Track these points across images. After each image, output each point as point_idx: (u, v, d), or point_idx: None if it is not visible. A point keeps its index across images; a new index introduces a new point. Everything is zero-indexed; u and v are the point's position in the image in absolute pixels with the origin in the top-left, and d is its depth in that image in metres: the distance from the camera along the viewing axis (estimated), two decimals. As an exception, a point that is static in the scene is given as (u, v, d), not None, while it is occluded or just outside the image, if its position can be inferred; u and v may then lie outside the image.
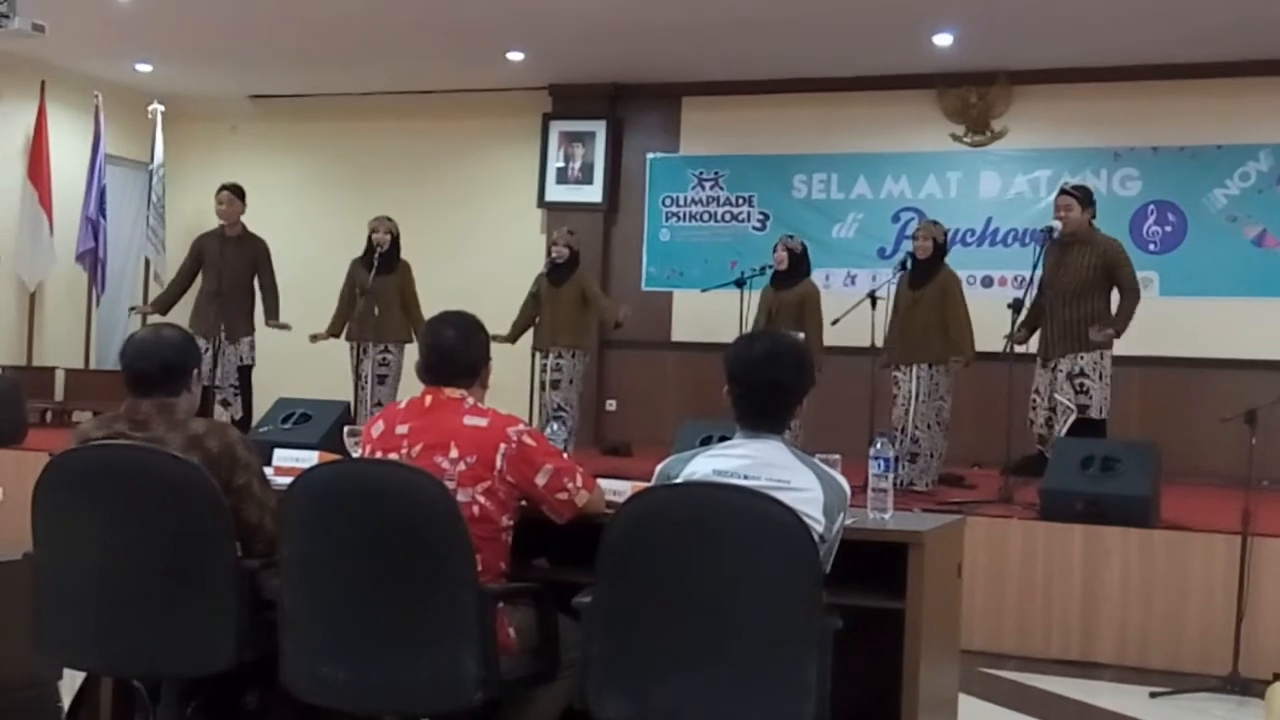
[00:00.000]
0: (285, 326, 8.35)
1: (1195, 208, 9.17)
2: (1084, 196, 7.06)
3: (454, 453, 3.09)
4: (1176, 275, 9.14)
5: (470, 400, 3.23)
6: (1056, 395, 6.92)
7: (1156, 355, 8.59)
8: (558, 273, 8.52)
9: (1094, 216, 7.09)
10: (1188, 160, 9.20)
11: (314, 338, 8.39)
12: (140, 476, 3.03)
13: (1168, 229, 9.24)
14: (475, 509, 3.05)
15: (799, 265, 8.09)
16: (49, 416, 10.18)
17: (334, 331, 8.45)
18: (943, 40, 8.85)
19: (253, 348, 8.46)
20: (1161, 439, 6.48)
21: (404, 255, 8.50)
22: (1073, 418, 6.81)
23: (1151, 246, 9.21)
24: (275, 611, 3.01)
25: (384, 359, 8.31)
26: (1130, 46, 8.75)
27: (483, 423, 3.14)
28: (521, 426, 3.17)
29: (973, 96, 9.65)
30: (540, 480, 3.14)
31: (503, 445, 3.11)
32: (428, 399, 3.23)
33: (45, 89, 10.34)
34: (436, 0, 8.39)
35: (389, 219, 8.46)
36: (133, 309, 9.85)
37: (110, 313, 11.10)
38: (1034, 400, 7.10)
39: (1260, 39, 8.41)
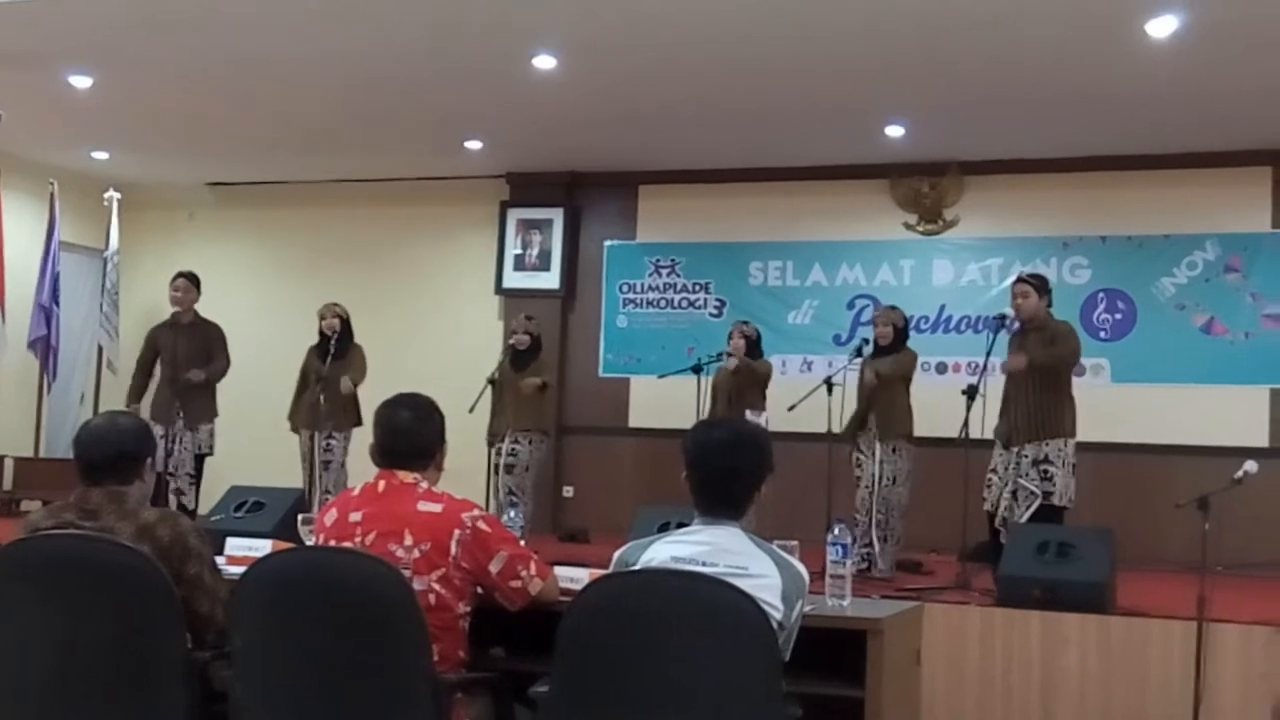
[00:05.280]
0: (198, 380, 8.21)
1: (1144, 296, 9.31)
2: (1040, 284, 7.17)
3: (408, 540, 3.06)
4: (1127, 362, 9.26)
5: (424, 484, 3.21)
6: (1020, 480, 6.95)
7: (1109, 441, 8.65)
8: (520, 359, 8.54)
9: (1050, 304, 7.21)
10: (1136, 249, 9.36)
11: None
12: (89, 567, 2.98)
13: (1117, 316, 9.38)
14: (431, 598, 3.01)
15: (754, 351, 8.15)
16: (-4, 505, 10.02)
17: (297, 421, 8.43)
18: (894, 132, 8.99)
19: (212, 435, 8.36)
20: (1115, 525, 6.51)
21: (361, 340, 8.50)
22: (1036, 503, 6.85)
23: (1102, 334, 9.33)
24: (226, 704, 2.95)
25: (328, 445, 8.27)
26: (1078, 139, 8.93)
27: (437, 508, 3.12)
28: (477, 512, 3.15)
29: (925, 186, 9.80)
30: (494, 567, 3.11)
31: (457, 531, 3.08)
32: (381, 484, 3.21)
33: (0, 176, 10.30)
34: (395, 90, 8.45)
35: (337, 305, 8.48)
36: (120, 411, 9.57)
37: (61, 401, 10.97)
38: (990, 479, 7.12)
39: (1206, 132, 8.61)
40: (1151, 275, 9.31)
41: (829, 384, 7.42)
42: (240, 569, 3.07)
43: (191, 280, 8.43)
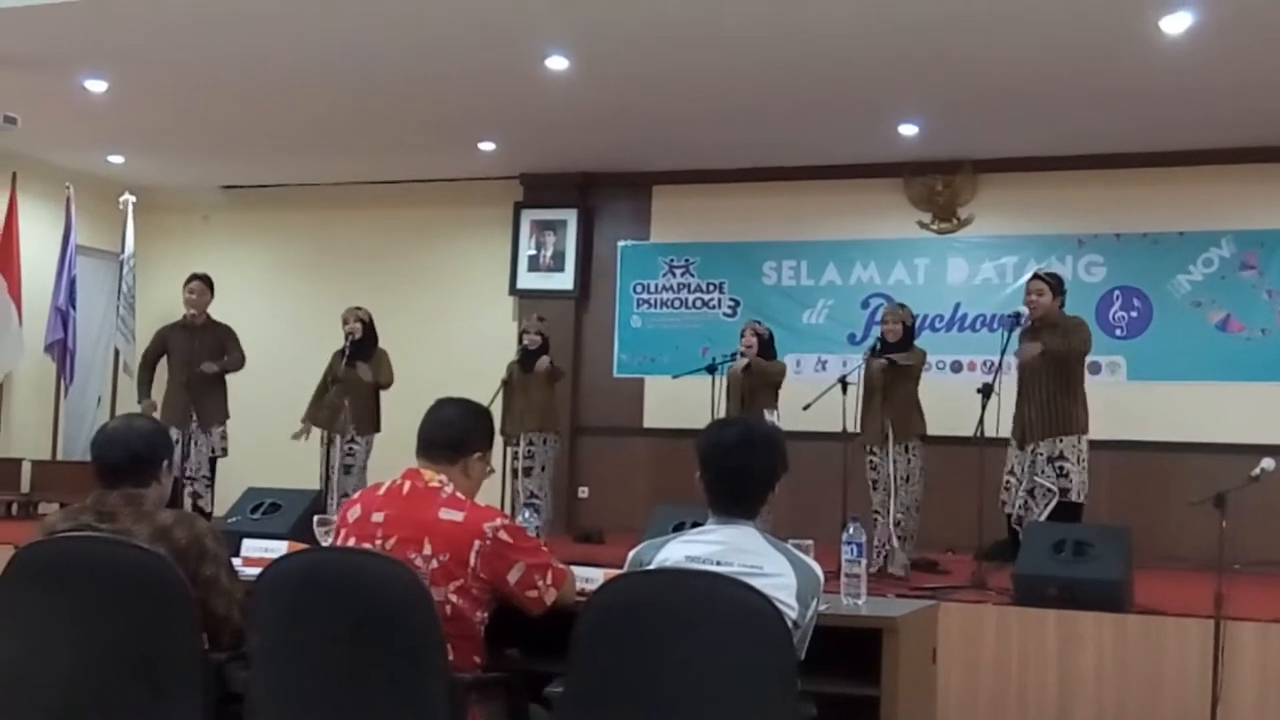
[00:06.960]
0: (211, 372, 8.33)
1: (1159, 293, 9.28)
2: (1055, 283, 7.19)
3: (427, 549, 3.03)
4: (1143, 360, 9.23)
5: (448, 489, 3.16)
6: (1036, 478, 6.95)
7: (1125, 439, 8.63)
8: (529, 359, 8.57)
9: (1064, 304, 7.22)
10: (1150, 246, 9.33)
11: (295, 436, 8.38)
12: (106, 569, 2.99)
13: (1133, 314, 9.35)
14: (448, 609, 2.99)
15: (766, 350, 8.15)
16: (14, 509, 10.05)
17: (311, 419, 8.40)
18: (908, 130, 8.98)
19: (225, 437, 8.40)
20: (1131, 523, 6.48)
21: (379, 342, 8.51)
22: (1054, 501, 6.85)
23: (1118, 331, 9.30)
24: (243, 705, 2.96)
25: (350, 449, 8.26)
26: (1093, 136, 8.90)
27: (458, 517, 3.08)
28: (499, 521, 3.10)
29: (939, 185, 9.78)
30: (512, 577, 3.08)
31: (477, 542, 3.05)
32: (406, 485, 3.18)
33: (16, 180, 10.33)
34: (408, 92, 8.47)
35: (359, 308, 8.48)
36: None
37: (78, 404, 11.01)
38: (1008, 481, 7.12)
39: (1220, 129, 8.58)
40: (1167, 272, 9.27)
41: (844, 383, 7.40)
42: (257, 570, 3.08)
43: (205, 282, 8.46)
